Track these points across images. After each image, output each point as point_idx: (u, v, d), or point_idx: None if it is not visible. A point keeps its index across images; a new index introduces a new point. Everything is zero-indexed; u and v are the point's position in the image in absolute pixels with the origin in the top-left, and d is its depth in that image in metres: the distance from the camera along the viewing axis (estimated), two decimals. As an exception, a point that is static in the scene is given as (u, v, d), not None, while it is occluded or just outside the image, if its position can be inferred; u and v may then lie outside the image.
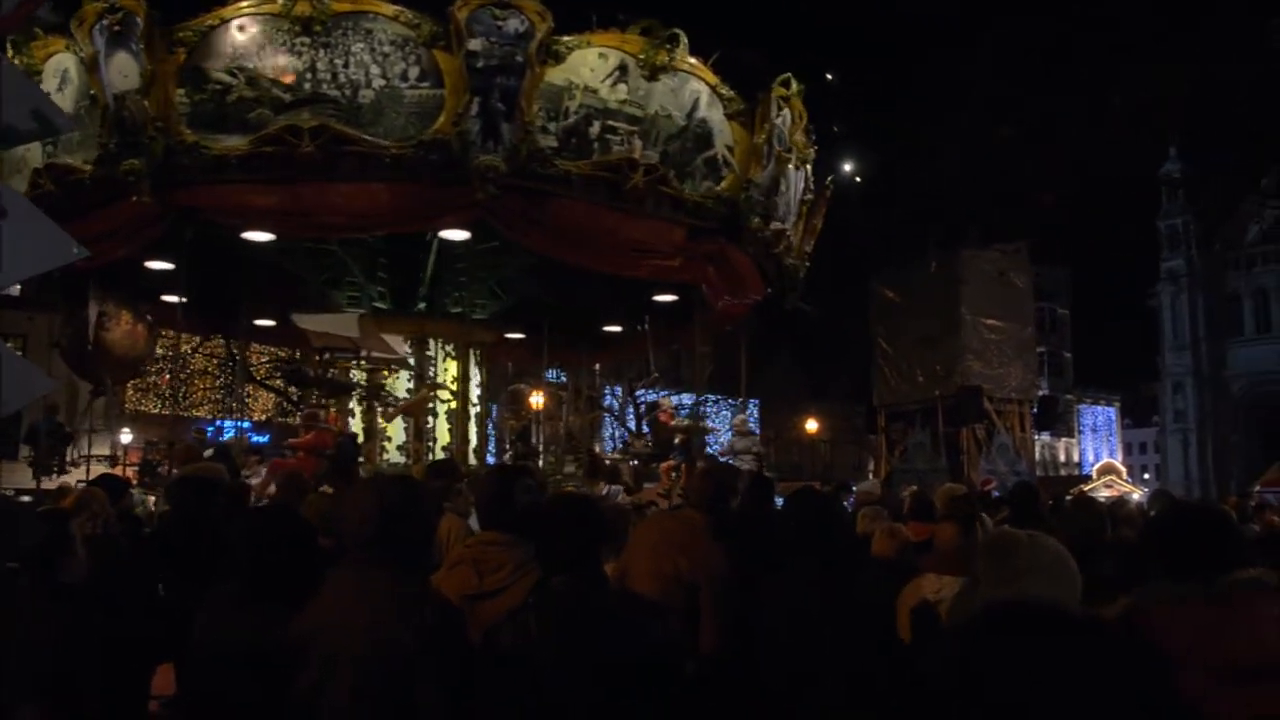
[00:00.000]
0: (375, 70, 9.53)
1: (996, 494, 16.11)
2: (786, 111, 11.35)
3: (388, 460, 12.32)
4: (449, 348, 12.97)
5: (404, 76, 9.57)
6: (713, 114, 10.77)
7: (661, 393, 19.12)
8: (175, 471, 11.22)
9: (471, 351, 13.30)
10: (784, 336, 53.13)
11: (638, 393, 38.44)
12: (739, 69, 11.26)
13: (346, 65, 9.50)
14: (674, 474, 13.30)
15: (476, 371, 13.47)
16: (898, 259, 31.44)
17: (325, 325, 12.41)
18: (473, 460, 12.71)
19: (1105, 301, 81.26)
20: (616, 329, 15.88)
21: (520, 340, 15.72)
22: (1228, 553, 3.05)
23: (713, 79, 10.75)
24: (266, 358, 31.04)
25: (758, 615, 4.21)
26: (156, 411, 33.25)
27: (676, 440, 14.46)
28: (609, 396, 39.16)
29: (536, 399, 19.42)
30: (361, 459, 12.19)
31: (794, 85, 11.29)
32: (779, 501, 6.26)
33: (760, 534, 4.96)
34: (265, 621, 2.98)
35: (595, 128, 10.08)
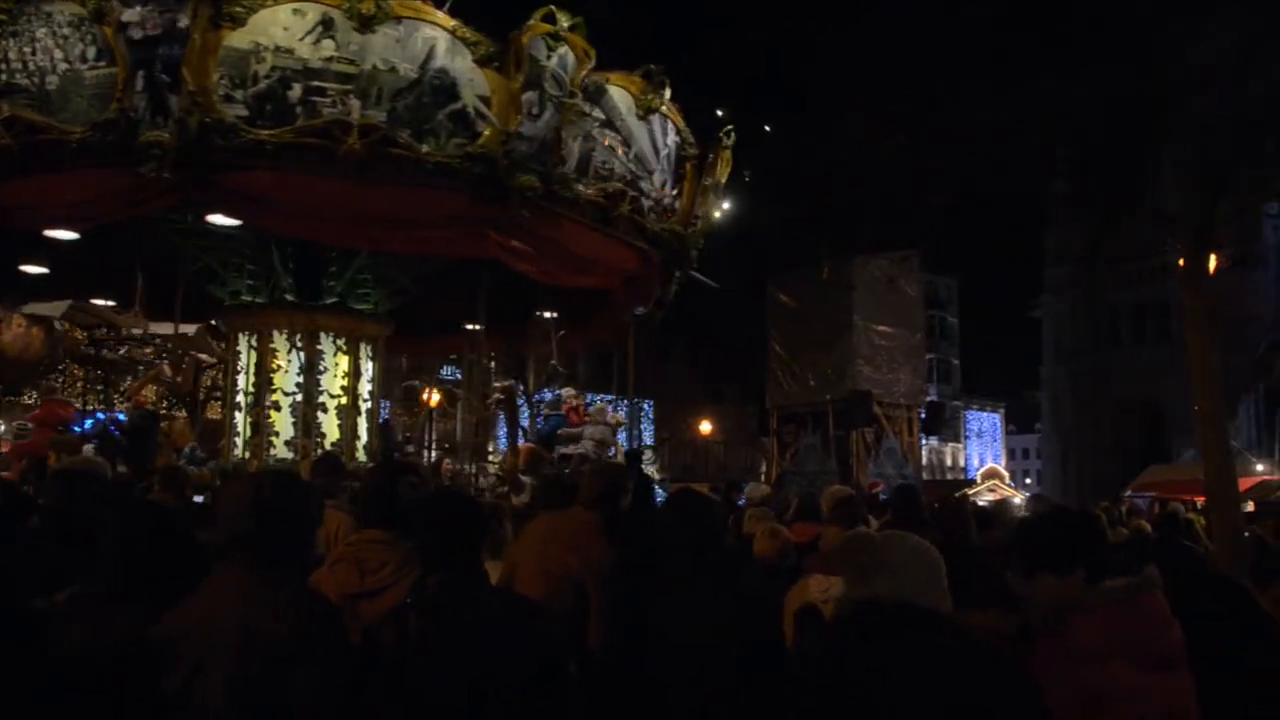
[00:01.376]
0: (59, 54, 9.12)
1: (884, 497, 16.41)
2: (565, 51, 10.15)
3: (274, 456, 12.05)
4: (340, 341, 12.73)
5: (83, 58, 9.12)
6: (456, 62, 9.73)
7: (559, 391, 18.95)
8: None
9: (363, 346, 13.07)
10: (681, 337, 53.38)
11: (537, 393, 38.22)
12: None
13: (34, 52, 9.12)
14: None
15: (369, 366, 13.25)
16: (794, 263, 31.79)
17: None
18: (362, 456, 12.50)
19: (993, 311, 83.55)
20: (512, 323, 15.71)
21: (415, 336, 15.49)
22: (1097, 551, 3.17)
23: (449, 23, 9.79)
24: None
25: (644, 613, 4.24)
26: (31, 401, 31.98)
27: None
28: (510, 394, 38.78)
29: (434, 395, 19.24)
30: (249, 455, 11.98)
31: (563, 19, 10.01)
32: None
33: (647, 532, 4.98)
34: (135, 621, 2.89)
35: (296, 91, 9.29)
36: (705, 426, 48.11)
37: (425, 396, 20.65)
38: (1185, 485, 18.16)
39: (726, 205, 12.50)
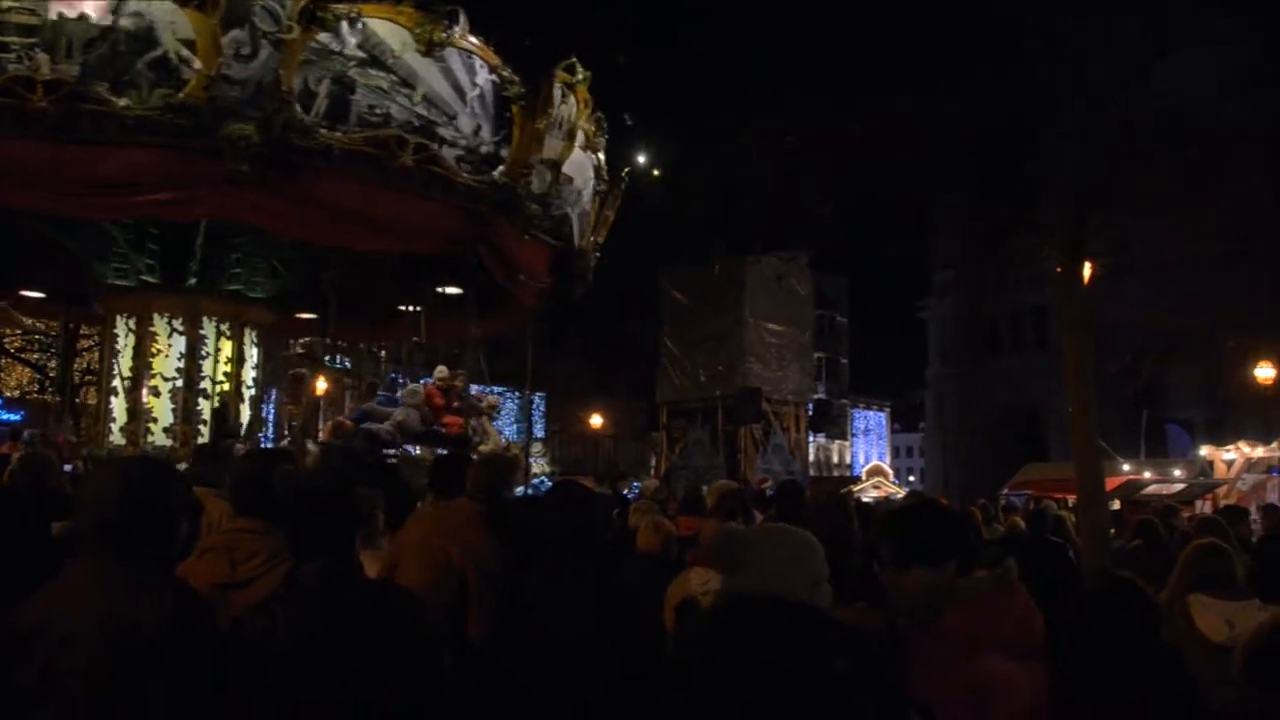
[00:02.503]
0: None
1: (771, 492, 16.63)
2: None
3: (152, 443, 11.71)
4: (224, 327, 12.41)
5: None
6: (153, 5, 8.88)
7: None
8: None
9: (248, 332, 12.78)
10: (573, 331, 53.27)
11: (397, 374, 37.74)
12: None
13: None
14: None
15: (253, 353, 12.96)
16: (686, 259, 31.91)
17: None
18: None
19: (881, 312, 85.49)
20: (402, 312, 15.38)
21: (303, 322, 15.16)
22: (967, 544, 3.26)
23: None
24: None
25: (524, 604, 4.24)
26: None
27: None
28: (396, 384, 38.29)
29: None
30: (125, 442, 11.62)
31: None
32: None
33: (531, 523, 4.97)
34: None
35: None
36: (596, 420, 48.17)
37: (313, 385, 20.24)
38: (1058, 484, 18.76)
39: (587, 152, 11.49)
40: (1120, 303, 34.20)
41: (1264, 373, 26.28)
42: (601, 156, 12.18)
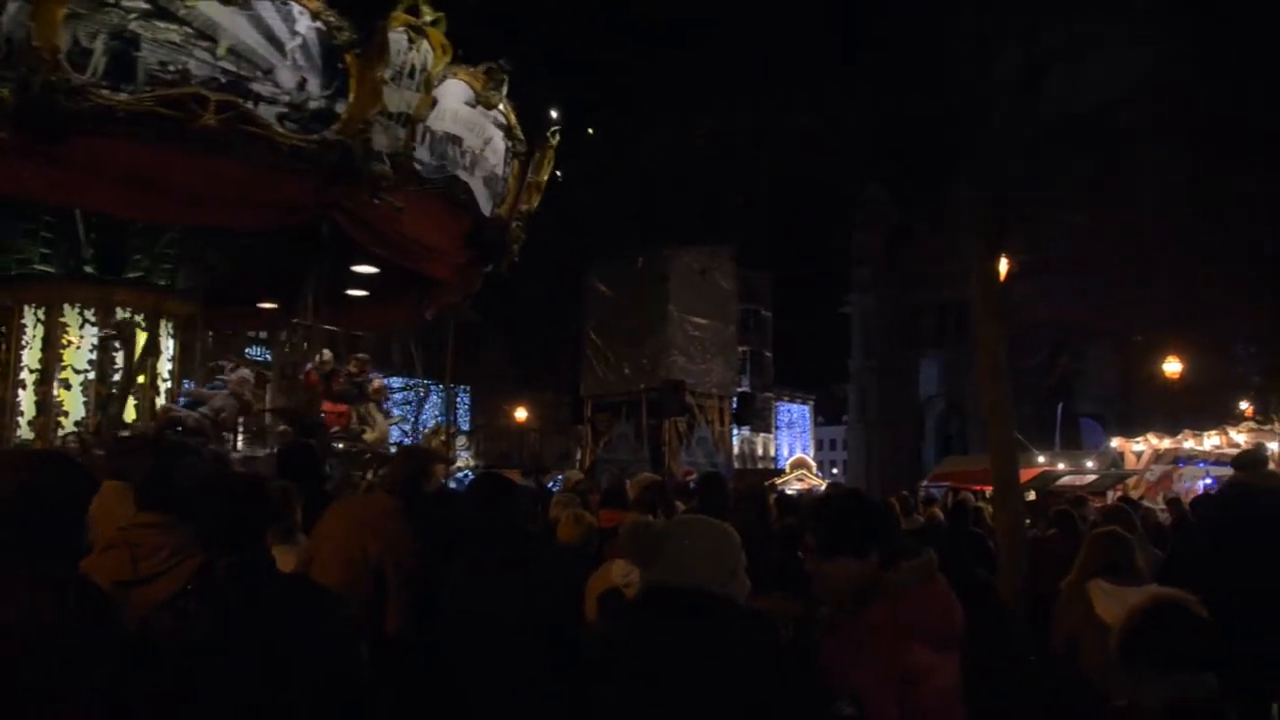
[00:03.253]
0: None
1: (695, 484, 16.72)
2: None
3: (19, 437, 11.32)
4: (139, 318, 12.09)
5: None
6: None
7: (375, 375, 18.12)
8: None
9: (164, 323, 12.46)
10: (498, 324, 52.90)
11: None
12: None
13: None
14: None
15: (169, 345, 12.65)
16: (611, 252, 31.82)
17: None
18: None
19: (805, 306, 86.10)
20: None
21: (223, 313, 14.77)
22: (890, 535, 3.31)
23: None
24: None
25: (444, 598, 4.22)
26: None
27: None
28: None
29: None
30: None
31: None
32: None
33: (451, 516, 4.95)
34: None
35: None
36: (521, 414, 47.95)
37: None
38: (976, 476, 19.14)
39: (479, 109, 10.61)
40: (1038, 299, 34.99)
41: (1171, 367, 27.05)
42: (511, 115, 11.35)
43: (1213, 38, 9.64)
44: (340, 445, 12.45)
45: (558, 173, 11.57)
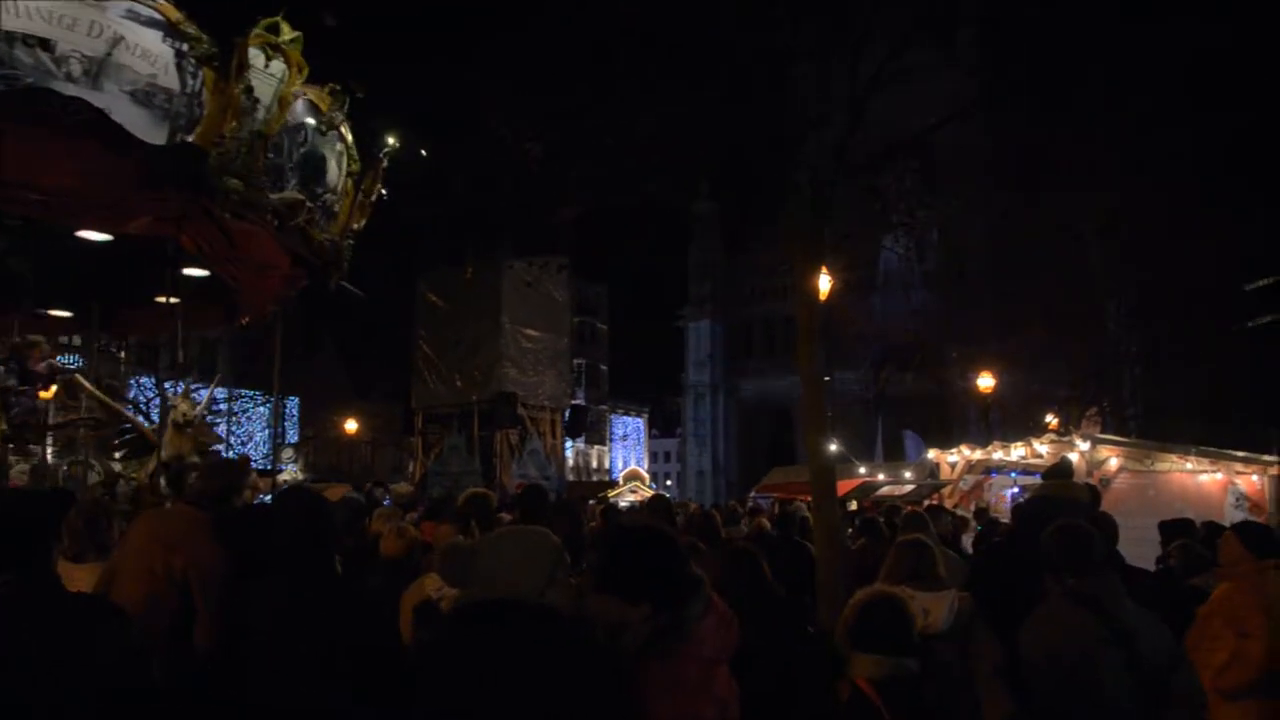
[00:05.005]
0: None
1: (514, 497, 16.68)
2: None
3: None
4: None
5: None
6: None
7: (196, 386, 17.18)
8: None
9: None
10: (328, 333, 51.71)
11: (168, 384, 35.79)
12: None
13: None
14: None
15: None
16: (443, 262, 31.38)
17: None
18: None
19: (642, 320, 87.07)
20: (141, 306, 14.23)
21: (61, 320, 13.89)
22: (669, 581, 3.31)
23: None
24: None
25: (253, 614, 4.11)
26: None
27: None
28: (135, 388, 36.11)
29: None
30: None
31: None
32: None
33: (260, 531, 4.81)
34: None
35: None
36: (352, 425, 46.94)
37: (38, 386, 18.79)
38: (801, 486, 19.60)
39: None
40: (863, 316, 36.31)
41: (984, 382, 28.35)
42: (349, 136, 11.26)
43: (1020, 74, 10.19)
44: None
45: (383, 191, 11.17)
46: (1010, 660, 4.36)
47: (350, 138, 10.65)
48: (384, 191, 11.65)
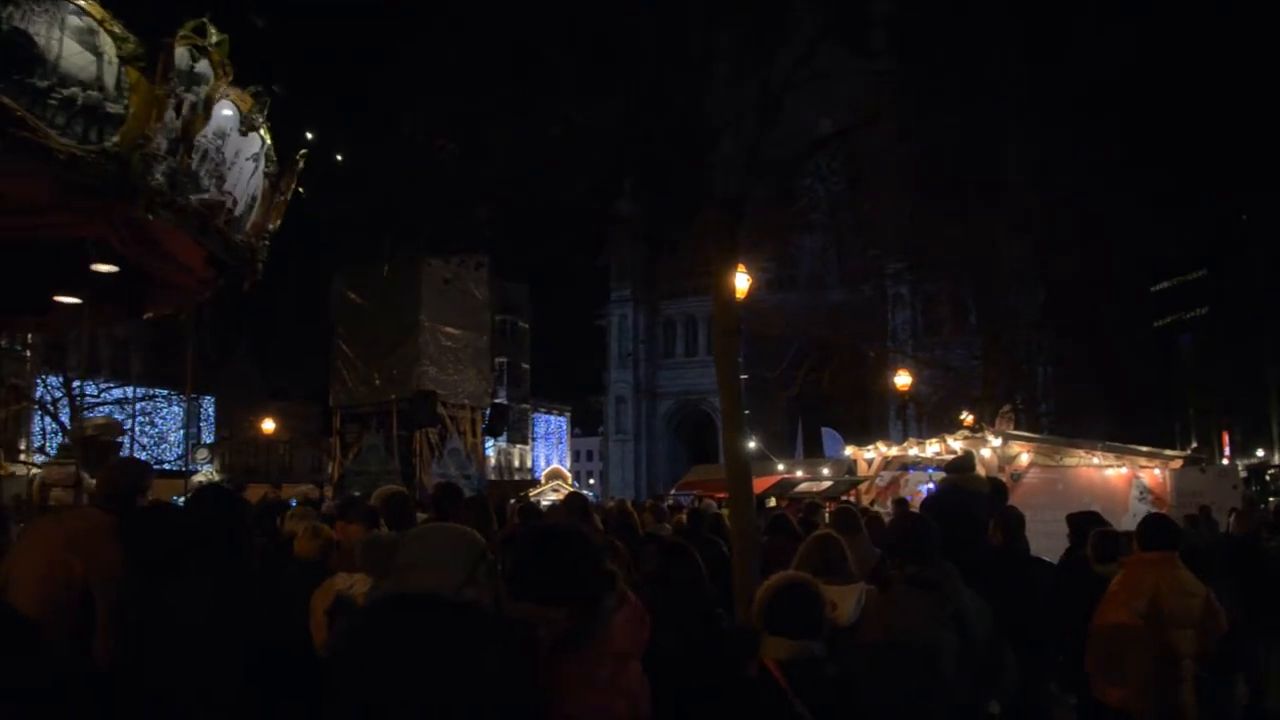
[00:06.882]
0: None
1: (430, 495, 16.61)
2: None
3: None
4: None
5: None
6: None
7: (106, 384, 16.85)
8: None
9: None
10: (243, 331, 50.80)
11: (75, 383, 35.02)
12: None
13: None
14: None
15: None
16: (360, 259, 30.83)
17: None
18: None
19: (562, 318, 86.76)
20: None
21: None
22: (583, 585, 3.38)
23: None
24: None
25: (158, 617, 4.05)
26: None
27: None
28: (41, 387, 35.28)
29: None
30: None
31: None
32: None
33: (165, 534, 4.73)
34: None
35: None
36: (269, 425, 46.14)
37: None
38: (722, 484, 19.74)
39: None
40: (781, 315, 36.65)
41: (901, 380, 28.82)
42: (267, 137, 11.19)
43: (927, 76, 10.41)
44: None
45: (300, 190, 11.02)
46: None
47: (269, 140, 10.52)
48: (301, 190, 11.54)
